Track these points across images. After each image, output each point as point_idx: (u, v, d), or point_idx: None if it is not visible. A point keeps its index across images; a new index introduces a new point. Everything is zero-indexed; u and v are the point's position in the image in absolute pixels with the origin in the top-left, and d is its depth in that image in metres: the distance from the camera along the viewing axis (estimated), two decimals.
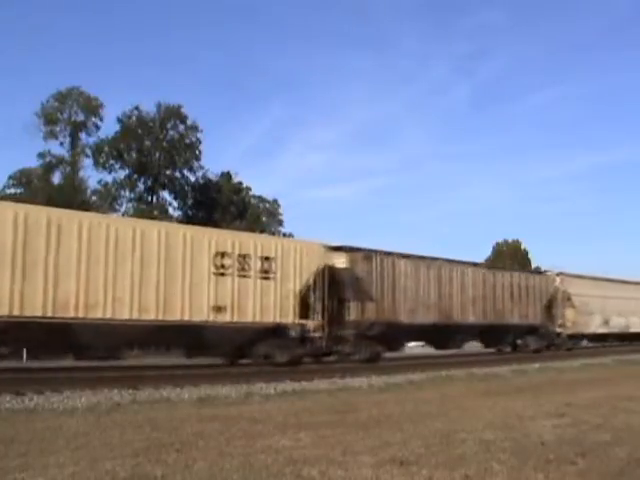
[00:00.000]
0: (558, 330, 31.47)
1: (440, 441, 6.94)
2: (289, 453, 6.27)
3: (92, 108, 46.22)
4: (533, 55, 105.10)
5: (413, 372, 17.92)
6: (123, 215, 43.98)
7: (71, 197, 41.65)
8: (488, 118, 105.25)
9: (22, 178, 44.80)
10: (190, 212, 49.72)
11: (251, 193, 53.33)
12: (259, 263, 18.71)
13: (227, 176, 51.51)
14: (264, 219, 53.70)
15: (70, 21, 76.26)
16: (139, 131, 47.25)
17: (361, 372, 17.60)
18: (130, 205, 48.19)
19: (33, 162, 45.62)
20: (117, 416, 9.32)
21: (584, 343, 37.03)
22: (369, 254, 22.29)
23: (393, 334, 22.95)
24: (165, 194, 49.90)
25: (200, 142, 49.31)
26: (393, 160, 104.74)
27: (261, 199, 54.27)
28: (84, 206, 39.55)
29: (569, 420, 8.56)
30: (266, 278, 18.83)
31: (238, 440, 7.07)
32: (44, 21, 71.95)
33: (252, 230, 44.83)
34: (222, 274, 17.85)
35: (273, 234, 48.52)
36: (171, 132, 48.47)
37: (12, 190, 44.07)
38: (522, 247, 69.44)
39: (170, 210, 49.63)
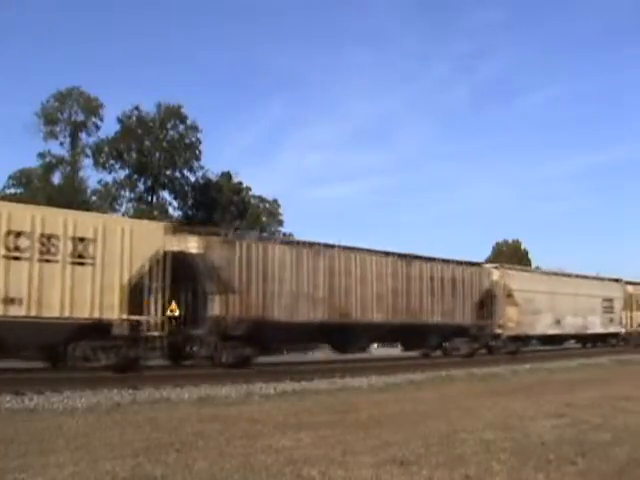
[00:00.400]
0: (497, 331, 27.30)
1: (440, 441, 6.94)
2: (289, 453, 6.27)
3: (92, 108, 46.21)
4: (533, 54, 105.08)
5: (413, 372, 17.93)
6: (123, 215, 43.99)
7: (71, 197, 41.63)
8: (488, 117, 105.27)
9: (22, 178, 44.78)
10: (190, 212, 49.71)
11: (251, 193, 53.34)
12: (71, 245, 15.36)
13: (227, 176, 51.50)
14: (264, 219, 53.72)
15: (70, 21, 76.29)
16: (139, 131, 47.23)
17: (360, 372, 17.61)
18: (130, 205, 48.22)
19: (33, 162, 45.63)
20: (117, 416, 9.32)
21: (533, 346, 33.80)
22: (230, 239, 18.86)
23: (266, 334, 19.19)
24: (165, 194, 49.91)
25: (200, 142, 49.32)
26: (393, 159, 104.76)
27: (261, 199, 54.28)
28: (84, 206, 39.57)
29: (569, 420, 8.56)
30: (81, 264, 15.49)
31: (238, 440, 7.07)
32: (44, 21, 71.97)
33: (252, 230, 44.90)
34: (16, 258, 14.70)
35: (273, 234, 48.54)
36: (171, 132, 48.45)
37: (12, 190, 44.10)
38: (522, 247, 69.47)
39: (170, 210, 49.64)
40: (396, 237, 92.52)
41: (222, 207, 49.29)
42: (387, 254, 23.35)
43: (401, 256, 23.86)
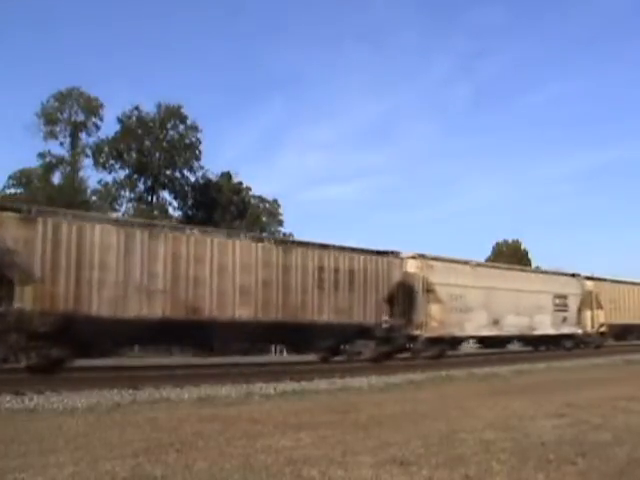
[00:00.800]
0: (415, 332, 23.67)
1: (440, 441, 6.93)
2: (289, 453, 6.27)
3: (92, 108, 46.26)
4: (534, 53, 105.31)
5: (413, 372, 17.93)
6: (123, 215, 44.00)
7: (71, 197, 41.69)
8: (489, 116, 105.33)
9: (22, 178, 44.83)
10: (190, 212, 49.78)
11: (251, 193, 53.40)
12: None
13: (227, 176, 51.55)
14: (264, 219, 53.74)
15: (70, 20, 76.27)
16: (139, 131, 47.29)
17: (360, 372, 17.60)
18: (130, 205, 48.28)
19: (33, 162, 45.69)
20: (117, 416, 9.32)
21: (467, 348, 31.46)
22: (31, 216, 15.66)
23: (82, 333, 15.97)
24: (165, 194, 50.01)
25: (200, 142, 49.43)
26: (393, 159, 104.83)
27: (261, 199, 54.35)
28: (84, 206, 39.59)
29: (569, 420, 8.56)
30: None
31: (238, 440, 7.06)
32: (44, 21, 71.96)
33: (252, 230, 44.90)
34: None
35: (273, 234, 48.54)
36: (171, 132, 48.52)
37: (12, 190, 44.14)
38: (522, 247, 69.50)
39: (170, 210, 49.77)
40: (396, 237, 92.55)
41: (222, 207, 49.34)
42: (258, 239, 20.46)
43: (278, 242, 21.06)
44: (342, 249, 21.85)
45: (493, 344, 29.74)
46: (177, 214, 49.70)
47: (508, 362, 22.21)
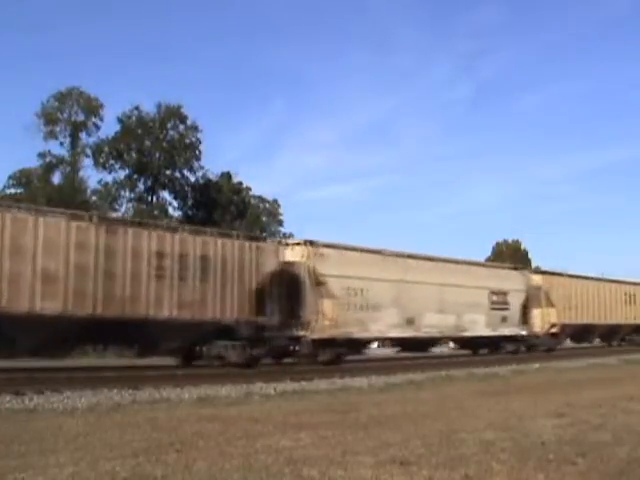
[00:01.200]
0: (299, 333, 20.15)
1: (440, 441, 6.93)
2: (289, 453, 6.27)
3: (92, 108, 46.22)
4: (534, 53, 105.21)
5: (413, 372, 17.93)
6: (123, 215, 43.99)
7: (71, 197, 41.67)
8: (488, 117, 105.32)
9: (22, 178, 44.79)
10: (190, 212, 49.74)
11: (251, 193, 53.37)
12: None
13: (227, 176, 51.51)
14: (264, 219, 53.72)
15: (70, 20, 76.26)
16: (139, 131, 47.24)
17: (360, 372, 17.61)
18: (130, 205, 48.25)
19: (33, 162, 45.66)
20: (117, 416, 9.33)
21: (374, 351, 28.88)
22: None
23: None
24: (165, 194, 49.96)
25: (200, 142, 49.36)
26: (393, 159, 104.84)
27: (261, 199, 54.32)
28: (84, 206, 39.57)
29: (569, 420, 8.56)
30: None
31: (238, 440, 7.06)
32: (44, 20, 71.95)
33: (252, 230, 44.91)
34: None
35: (273, 234, 48.54)
36: (171, 132, 48.47)
37: (12, 190, 44.12)
38: (522, 247, 69.49)
39: (170, 210, 49.71)
40: (396, 237, 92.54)
41: (222, 207, 49.29)
42: (72, 216, 16.87)
43: (101, 220, 17.37)
44: (195, 232, 19.05)
45: (412, 347, 25.88)
46: (177, 214, 49.73)
47: (508, 362, 22.20)
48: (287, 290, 20.05)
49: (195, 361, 19.76)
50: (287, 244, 21.70)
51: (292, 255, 20.66)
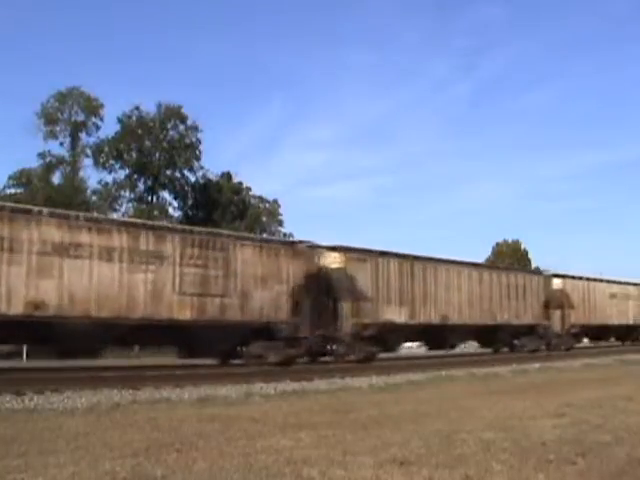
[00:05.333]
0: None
1: (440, 441, 6.93)
2: (289, 453, 6.26)
3: (92, 108, 46.24)
4: (535, 51, 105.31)
5: (413, 372, 17.93)
6: (123, 215, 44.00)
7: (71, 197, 41.69)
8: (488, 116, 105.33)
9: (22, 178, 44.80)
10: (190, 212, 49.76)
11: (251, 193, 53.38)
12: None
13: (227, 176, 51.54)
14: (264, 219, 53.73)
15: (70, 20, 76.26)
16: (139, 131, 47.25)
17: (360, 372, 17.61)
18: (130, 205, 48.26)
19: (33, 162, 45.66)
20: (117, 416, 9.32)
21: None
22: None
23: None
24: (165, 194, 49.99)
25: (200, 142, 49.40)
26: (393, 159, 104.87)
27: (261, 199, 54.33)
28: (84, 206, 39.58)
29: (569, 420, 8.56)
30: None
31: (238, 440, 7.06)
32: (45, 21, 71.95)
33: (252, 230, 44.95)
34: None
35: (273, 234, 48.58)
36: (171, 132, 48.49)
37: (12, 190, 44.12)
38: (522, 247, 69.51)
39: (170, 210, 49.74)
40: (396, 237, 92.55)
41: (222, 207, 49.31)
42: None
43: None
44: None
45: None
46: (177, 214, 49.76)
47: (508, 362, 22.20)
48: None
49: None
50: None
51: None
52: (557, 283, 33.37)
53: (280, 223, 54.35)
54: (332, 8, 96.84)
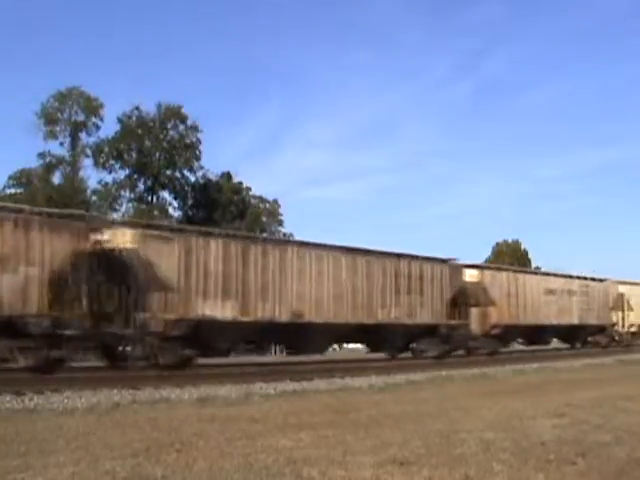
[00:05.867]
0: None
1: (440, 441, 6.93)
2: (289, 453, 6.27)
3: (92, 108, 46.25)
4: (536, 49, 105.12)
5: (413, 372, 17.94)
6: (123, 216, 44.00)
7: (71, 197, 41.71)
8: (489, 116, 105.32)
9: (22, 178, 44.83)
10: (190, 212, 49.79)
11: (251, 193, 53.41)
12: None
13: (227, 176, 51.56)
14: (264, 219, 53.75)
15: (70, 20, 76.29)
16: (139, 131, 47.28)
17: (360, 372, 17.62)
18: (130, 205, 48.28)
19: (33, 162, 45.67)
20: (117, 416, 9.32)
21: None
22: None
23: None
24: (165, 194, 50.05)
25: (200, 142, 49.44)
26: (393, 159, 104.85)
27: (261, 199, 54.36)
28: (84, 206, 39.59)
29: (569, 420, 8.56)
30: None
31: (238, 440, 7.06)
32: (44, 20, 71.97)
33: (252, 230, 44.94)
34: None
35: (273, 234, 48.60)
36: (171, 132, 48.52)
37: (12, 190, 44.14)
38: (522, 247, 69.54)
39: (170, 210, 49.78)
40: (396, 237, 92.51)
41: (222, 207, 49.33)
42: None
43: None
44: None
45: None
46: (177, 214, 49.79)
47: (508, 362, 22.21)
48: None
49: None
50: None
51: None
52: (472, 275, 27.52)
53: (280, 223, 54.45)
54: (333, 6, 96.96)
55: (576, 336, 34.14)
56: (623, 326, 36.29)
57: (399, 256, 24.82)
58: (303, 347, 22.44)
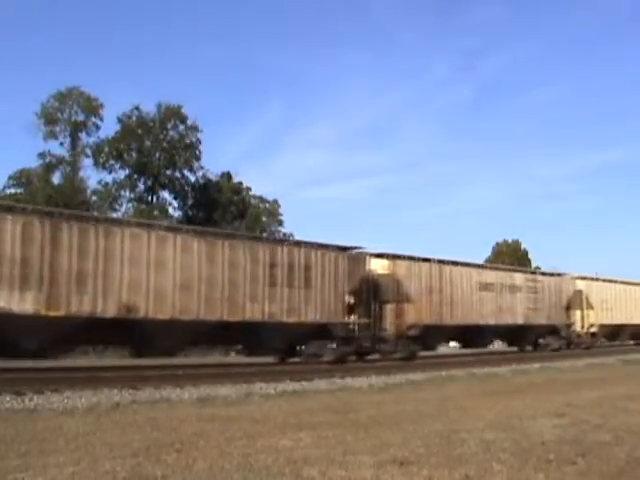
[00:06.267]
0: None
1: (440, 441, 6.93)
2: (289, 453, 6.27)
3: (92, 108, 46.21)
4: (536, 51, 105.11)
5: (413, 372, 17.93)
6: (123, 215, 43.98)
7: (71, 197, 41.67)
8: (489, 116, 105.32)
9: (22, 178, 44.78)
10: (190, 212, 49.74)
11: (251, 193, 53.37)
12: None
13: (227, 176, 51.51)
14: (264, 219, 53.72)
15: (71, 20, 76.30)
16: (139, 131, 47.22)
17: (360, 372, 17.61)
18: (130, 205, 48.24)
19: (33, 162, 45.64)
20: (117, 416, 9.33)
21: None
22: None
23: None
24: (165, 194, 49.94)
25: (200, 142, 49.35)
26: (393, 159, 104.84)
27: (261, 199, 54.32)
28: (84, 206, 39.57)
29: (569, 420, 8.56)
30: None
31: (238, 440, 7.07)
32: (44, 20, 71.96)
33: (252, 230, 44.92)
34: None
35: (273, 234, 48.59)
36: (171, 132, 48.46)
37: (12, 190, 44.12)
38: (522, 247, 69.53)
39: (170, 210, 49.69)
40: (396, 237, 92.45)
41: (222, 207, 49.28)
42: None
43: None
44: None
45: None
46: (177, 214, 49.73)
47: (508, 362, 22.20)
48: None
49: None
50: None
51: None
52: (382, 265, 23.66)
53: (280, 223, 54.38)
54: (332, 7, 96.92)
55: (522, 338, 30.41)
56: (582, 326, 32.70)
57: (277, 242, 21.88)
58: (142, 349, 18.52)
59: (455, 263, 26.45)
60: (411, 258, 24.83)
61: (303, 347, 21.32)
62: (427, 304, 24.54)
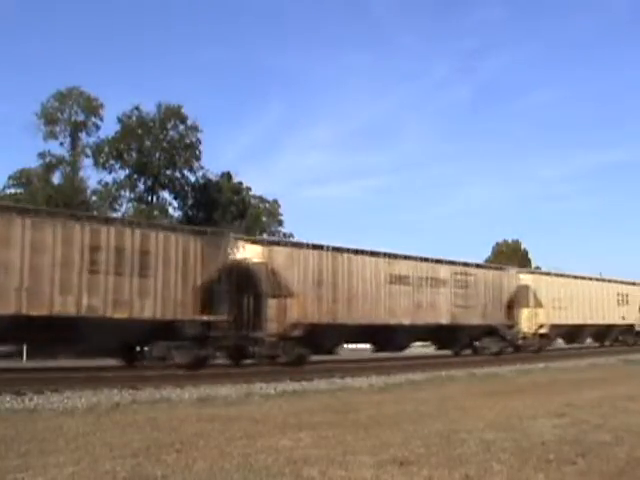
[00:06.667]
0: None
1: (440, 441, 6.93)
2: (289, 453, 6.26)
3: (92, 108, 46.18)
4: (535, 52, 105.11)
5: (413, 372, 17.93)
6: (123, 216, 43.97)
7: (71, 197, 41.66)
8: (489, 117, 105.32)
9: (22, 178, 44.76)
10: (190, 212, 49.73)
11: (251, 193, 53.36)
12: None
13: (227, 176, 51.50)
14: (264, 219, 53.71)
15: (71, 20, 76.29)
16: (139, 131, 47.20)
17: (360, 372, 17.61)
18: (130, 205, 48.23)
19: (33, 162, 45.62)
20: (117, 416, 9.33)
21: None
22: None
23: None
24: (165, 194, 49.91)
25: (200, 142, 49.33)
26: (393, 159, 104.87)
27: (261, 199, 54.30)
28: (84, 206, 39.56)
29: (569, 420, 8.56)
30: None
31: (238, 440, 7.06)
32: (45, 20, 71.98)
33: (252, 230, 44.93)
34: None
35: (273, 234, 48.59)
36: (171, 132, 48.44)
37: (12, 190, 44.11)
38: (522, 247, 69.51)
39: (170, 210, 49.68)
40: (396, 237, 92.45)
41: (222, 207, 49.27)
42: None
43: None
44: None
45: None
46: (177, 214, 49.72)
47: (508, 362, 22.20)
48: None
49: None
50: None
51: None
52: (256, 253, 19.91)
53: (280, 223, 54.37)
54: (332, 9, 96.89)
55: (452, 340, 26.17)
56: (529, 327, 28.62)
57: (101, 221, 17.55)
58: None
59: (356, 252, 22.04)
60: (295, 244, 21.60)
61: (145, 349, 18.05)
62: (315, 299, 20.53)
